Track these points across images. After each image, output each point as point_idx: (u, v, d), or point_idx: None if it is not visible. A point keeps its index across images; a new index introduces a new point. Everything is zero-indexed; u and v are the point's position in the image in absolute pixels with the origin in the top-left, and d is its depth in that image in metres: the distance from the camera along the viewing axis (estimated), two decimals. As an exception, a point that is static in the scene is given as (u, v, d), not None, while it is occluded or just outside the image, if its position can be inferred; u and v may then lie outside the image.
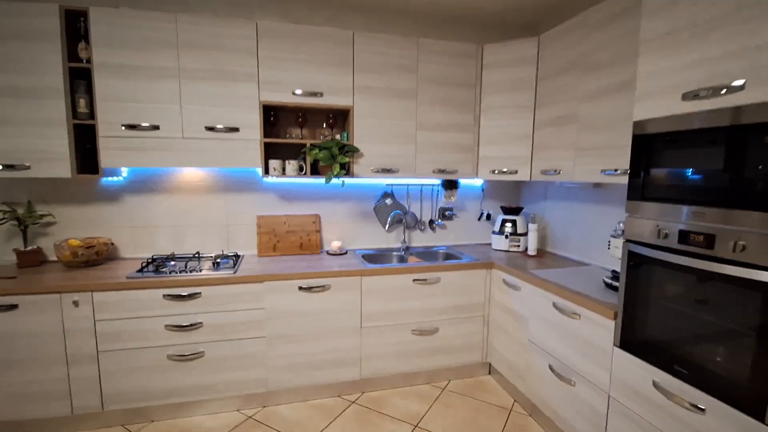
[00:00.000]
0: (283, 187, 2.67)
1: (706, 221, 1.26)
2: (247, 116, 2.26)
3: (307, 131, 2.62)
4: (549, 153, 2.35)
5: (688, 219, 1.32)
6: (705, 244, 1.26)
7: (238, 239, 2.63)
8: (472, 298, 2.52)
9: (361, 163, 2.47)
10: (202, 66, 2.17)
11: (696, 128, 1.29)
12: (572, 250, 2.60)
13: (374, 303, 2.34)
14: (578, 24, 2.10)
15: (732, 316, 1.22)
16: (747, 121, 1.15)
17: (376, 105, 2.46)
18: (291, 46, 2.28)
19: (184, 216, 2.54)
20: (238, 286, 2.13)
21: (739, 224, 1.17)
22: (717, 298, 1.26)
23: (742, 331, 1.19)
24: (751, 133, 1.14)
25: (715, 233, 1.23)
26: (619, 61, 1.83)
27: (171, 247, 2.54)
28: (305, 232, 2.68)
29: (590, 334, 1.75)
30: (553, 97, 2.30)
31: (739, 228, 1.17)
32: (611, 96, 1.88)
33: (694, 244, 1.30)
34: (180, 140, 2.19)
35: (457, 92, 2.59)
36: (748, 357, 1.17)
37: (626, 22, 1.80)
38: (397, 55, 2.46)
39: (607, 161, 1.92)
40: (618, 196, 2.22)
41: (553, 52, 2.30)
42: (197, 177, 2.53)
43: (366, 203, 2.84)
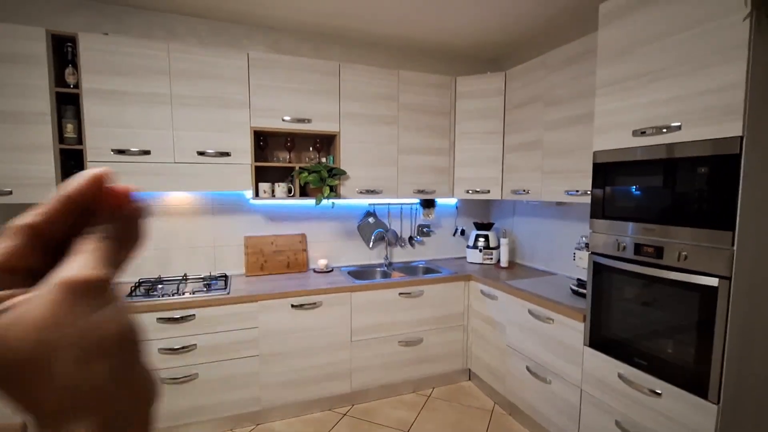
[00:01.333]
0: (270, 208, 2.75)
1: (656, 236, 1.53)
2: (238, 141, 2.35)
3: (294, 155, 2.73)
4: (518, 174, 2.62)
5: (641, 234, 1.59)
6: (655, 254, 1.53)
7: (225, 260, 2.67)
8: (453, 308, 2.71)
9: (347, 185, 2.62)
10: (194, 93, 2.24)
11: (643, 159, 1.57)
12: (539, 261, 2.88)
13: (363, 317, 2.47)
14: (539, 64, 2.41)
15: (678, 313, 1.48)
16: (681, 155, 1.43)
17: (361, 131, 2.63)
18: (281, 75, 2.41)
19: (171, 238, 2.55)
20: (232, 307, 2.18)
21: (680, 238, 1.44)
22: (666, 299, 1.52)
23: (686, 325, 1.45)
24: (685, 163, 1.42)
25: (663, 246, 1.50)
26: (576, 98, 2.13)
27: (157, 270, 2.53)
28: (292, 251, 2.76)
29: (563, 336, 1.98)
30: (520, 125, 2.58)
31: (681, 241, 1.44)
32: (571, 127, 2.17)
33: (646, 255, 1.56)
34: (171, 165, 2.23)
35: (435, 119, 2.82)
36: (691, 347, 1.43)
37: (580, 65, 2.10)
38: (379, 85, 2.65)
39: (570, 183, 2.20)
40: (578, 213, 2.52)
41: (518, 86, 2.59)
42: (185, 200, 2.56)
43: (350, 222, 2.98)
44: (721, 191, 1.32)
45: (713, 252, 1.35)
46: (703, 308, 1.38)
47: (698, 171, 1.40)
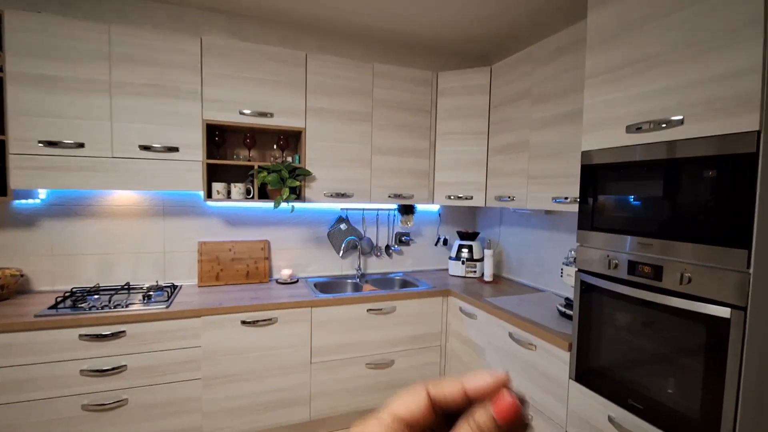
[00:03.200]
0: (229, 211, 2.50)
1: (654, 252, 1.27)
2: (188, 135, 2.10)
3: (256, 153, 2.48)
4: (503, 180, 2.37)
5: (636, 249, 1.32)
6: (653, 275, 1.26)
7: (176, 268, 2.41)
8: (429, 327, 2.44)
9: (313, 187, 2.36)
10: (137, 80, 2.00)
11: (639, 160, 1.31)
12: (526, 276, 2.61)
13: (326, 336, 2.19)
14: (526, 57, 2.16)
15: (681, 347, 1.21)
16: (684, 155, 1.17)
17: (330, 128, 2.38)
18: (239, 64, 2.17)
19: (115, 243, 2.29)
20: (170, 323, 1.91)
21: (682, 256, 1.18)
22: (666, 330, 1.25)
23: (690, 363, 1.18)
24: (688, 165, 1.16)
25: (662, 264, 1.24)
26: (565, 93, 1.88)
27: (97, 278, 2.27)
28: (252, 259, 2.50)
29: (546, 366, 1.71)
30: (505, 125, 2.33)
31: (683, 260, 1.18)
32: (559, 126, 1.92)
33: (642, 275, 1.30)
34: (109, 160, 1.99)
35: (413, 117, 2.58)
36: (697, 389, 1.16)
37: (570, 57, 1.86)
38: (351, 78, 2.41)
39: (558, 189, 1.94)
40: (569, 224, 2.26)
41: (504, 82, 2.35)
42: (131, 200, 2.31)
43: (319, 228, 2.72)
44: (733, 199, 1.07)
45: (723, 275, 1.08)
46: (712, 343, 1.12)
47: (704, 174, 1.14)
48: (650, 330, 1.32)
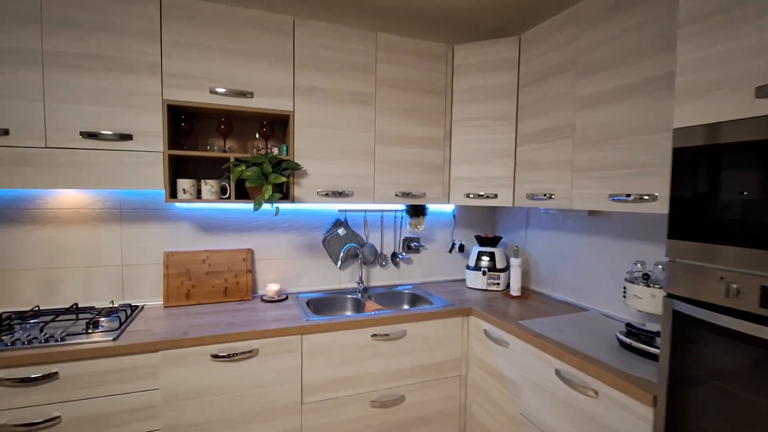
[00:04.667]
0: (203, 214, 2.06)
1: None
2: (144, 120, 1.67)
3: (234, 143, 2.05)
4: (537, 173, 1.93)
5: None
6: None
7: (138, 285, 1.97)
8: (446, 353, 2.00)
9: (304, 184, 1.93)
10: (78, 50, 1.57)
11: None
12: (562, 290, 2.17)
13: (320, 369, 1.76)
14: (567, 20, 1.73)
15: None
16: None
17: (324, 111, 1.95)
18: (209, 31, 1.74)
19: (60, 254, 1.86)
20: (119, 360, 1.48)
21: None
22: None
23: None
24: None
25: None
26: (628, 59, 1.45)
27: (39, 299, 1.84)
28: (232, 272, 2.06)
29: (615, 423, 1.27)
30: (540, 105, 1.90)
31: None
32: (619, 102, 1.48)
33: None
34: (41, 151, 1.55)
35: (424, 100, 2.14)
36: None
37: (632, 12, 1.42)
38: (350, 51, 1.97)
39: (617, 184, 1.50)
40: (624, 227, 1.82)
41: (537, 53, 1.91)
42: (80, 201, 1.87)
43: (313, 234, 2.28)
44: None
45: None
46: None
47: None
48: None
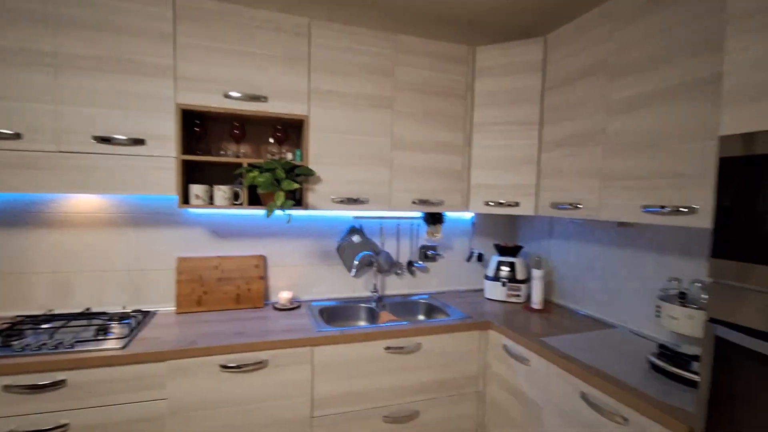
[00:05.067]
0: (216, 220, 2.03)
1: None
2: (157, 124, 1.64)
3: (248, 147, 2.01)
4: (562, 181, 1.82)
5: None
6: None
7: (150, 290, 1.95)
8: (463, 369, 1.91)
9: (317, 190, 1.87)
10: (91, 52, 1.55)
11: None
12: (587, 305, 2.05)
13: (332, 382, 1.70)
14: (599, 18, 1.62)
15: None
16: None
17: (340, 115, 1.89)
18: (224, 33, 1.70)
19: (74, 258, 1.85)
20: (126, 369, 1.45)
21: None
22: None
23: None
24: None
25: None
26: (667, 59, 1.34)
27: (52, 302, 1.83)
28: (244, 279, 2.02)
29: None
30: (567, 110, 1.79)
31: None
32: (657, 106, 1.37)
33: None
34: (53, 155, 1.54)
35: (444, 104, 2.06)
36: None
37: (673, 9, 1.31)
38: (368, 53, 1.91)
39: (651, 194, 1.39)
40: (654, 240, 1.70)
41: (565, 54, 1.81)
42: (93, 205, 1.86)
43: (327, 241, 2.22)
44: None
45: None
46: None
47: None
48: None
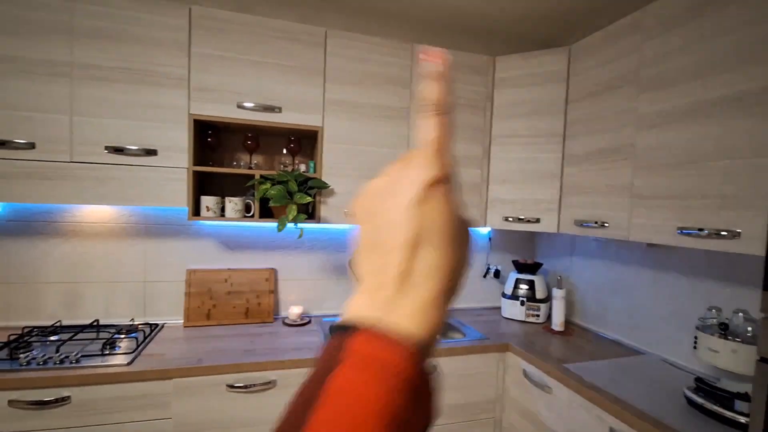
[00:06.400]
0: (227, 231, 1.99)
1: None
2: (169, 134, 1.62)
3: (261, 158, 1.97)
4: (587, 198, 1.73)
5: None
6: None
7: (159, 302, 1.91)
8: (479, 393, 1.81)
9: (330, 203, 1.82)
10: (106, 62, 1.54)
11: None
12: (613, 328, 1.94)
13: (341, 405, 1.62)
14: (628, 28, 1.54)
15: None
16: None
17: (355, 127, 1.84)
18: (238, 43, 1.67)
19: (84, 269, 1.83)
20: (131, 386, 1.40)
21: None
22: None
23: None
24: None
25: None
26: (705, 73, 1.25)
27: (62, 313, 1.81)
28: (254, 293, 1.97)
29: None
30: (592, 123, 1.71)
31: None
32: (693, 121, 1.28)
33: None
34: (66, 165, 1.52)
35: (462, 115, 2.00)
36: None
37: (710, 19, 1.23)
38: (384, 63, 1.86)
39: (688, 215, 1.30)
40: (688, 263, 1.59)
41: (591, 65, 1.73)
42: (105, 215, 1.84)
43: (340, 254, 2.16)
44: None
45: None
46: None
47: None
48: None
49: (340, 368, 0.21)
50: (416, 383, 0.21)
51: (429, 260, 0.23)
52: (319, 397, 0.20)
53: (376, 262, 0.24)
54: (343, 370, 0.20)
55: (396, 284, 0.23)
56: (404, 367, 0.20)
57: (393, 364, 0.20)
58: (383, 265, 0.23)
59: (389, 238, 0.23)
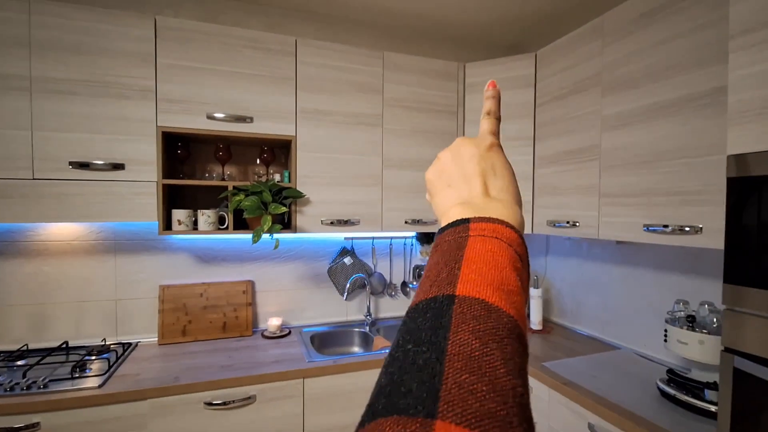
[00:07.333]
0: (201, 244, 1.95)
1: None
2: (138, 148, 1.58)
3: (234, 169, 1.94)
4: (558, 198, 1.78)
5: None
6: None
7: (132, 320, 1.85)
8: (463, 396, 1.82)
9: (306, 212, 1.81)
10: (68, 75, 1.49)
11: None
12: (588, 324, 1.98)
13: (324, 416, 1.60)
14: (591, 33, 1.60)
15: None
16: None
17: (328, 135, 1.84)
18: (206, 52, 1.65)
19: (51, 289, 1.75)
20: (105, 409, 1.35)
21: None
22: None
23: None
24: None
25: None
26: (664, 75, 1.30)
27: (27, 336, 1.73)
28: (231, 306, 1.93)
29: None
30: (560, 125, 1.75)
31: None
32: (653, 121, 1.33)
33: None
34: (28, 182, 1.46)
35: (435, 120, 2.02)
36: None
37: (665, 24, 1.28)
38: (355, 71, 1.87)
39: (653, 213, 1.34)
40: (656, 258, 1.64)
41: (556, 70, 1.78)
42: (70, 233, 1.78)
43: (318, 263, 2.15)
44: None
45: None
46: None
47: None
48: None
49: (472, 240, 0.28)
50: (524, 252, 0.29)
51: (499, 183, 0.34)
52: (462, 257, 0.27)
53: (462, 188, 0.34)
54: (476, 240, 0.28)
55: (482, 196, 0.33)
56: (515, 238, 0.29)
57: (510, 237, 0.28)
58: (469, 189, 0.34)
59: (470, 172, 0.34)
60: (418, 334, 0.22)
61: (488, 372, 0.20)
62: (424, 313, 0.24)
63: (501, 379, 0.20)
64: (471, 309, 0.23)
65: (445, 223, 0.31)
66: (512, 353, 0.21)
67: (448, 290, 0.24)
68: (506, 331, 0.22)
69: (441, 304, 0.23)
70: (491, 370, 0.20)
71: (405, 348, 0.22)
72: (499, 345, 0.21)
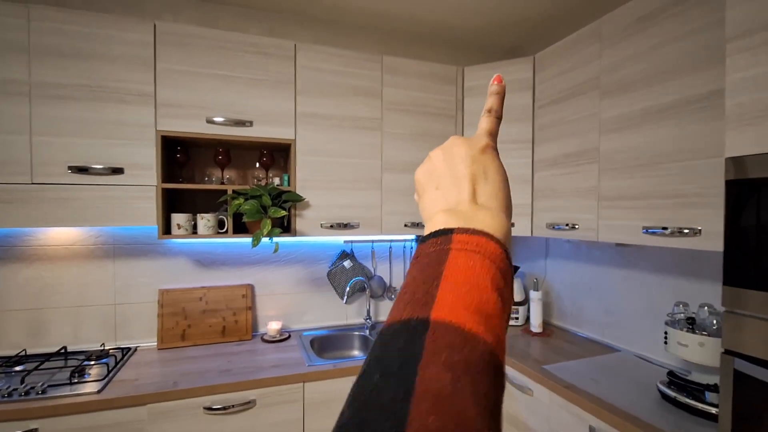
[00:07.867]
0: (200, 249, 1.95)
1: None
2: (136, 152, 1.58)
3: (233, 173, 1.95)
4: (557, 201, 1.78)
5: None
6: None
7: (131, 325, 1.85)
8: (463, 399, 1.81)
9: (306, 216, 1.81)
10: (67, 80, 1.49)
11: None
12: (589, 327, 1.98)
13: (324, 420, 1.60)
14: (589, 36, 1.61)
15: None
16: None
17: (328, 138, 1.84)
18: (206, 57, 1.66)
19: (49, 294, 1.75)
20: (103, 414, 1.34)
21: None
22: None
23: None
24: None
25: None
26: (662, 78, 1.31)
27: (26, 342, 1.72)
28: (231, 310, 1.93)
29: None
30: (559, 128, 1.76)
31: None
32: (652, 124, 1.34)
33: None
34: (27, 187, 1.46)
35: (434, 124, 2.02)
36: None
37: (662, 27, 1.29)
38: (354, 75, 1.88)
39: (652, 215, 1.35)
40: (656, 260, 1.65)
41: (554, 73, 1.79)
42: (69, 237, 1.77)
43: (317, 267, 2.15)
44: None
45: None
46: None
47: None
48: None
49: (454, 254, 0.27)
50: (507, 268, 0.28)
51: (488, 189, 0.32)
52: (441, 273, 0.26)
53: (450, 191, 0.33)
54: (458, 255, 0.27)
55: (470, 203, 0.31)
56: (500, 253, 0.27)
57: (494, 252, 0.27)
58: (457, 193, 0.32)
59: (460, 174, 0.33)
60: (387, 362, 0.22)
61: (457, 413, 0.19)
62: (396, 338, 0.23)
63: (470, 421, 0.19)
64: (444, 337, 0.22)
65: (429, 230, 0.30)
66: (486, 388, 0.21)
67: (423, 313, 0.23)
68: (482, 363, 0.22)
69: (414, 330, 0.23)
70: (461, 411, 0.19)
71: (372, 379, 0.21)
72: (472, 380, 0.20)
